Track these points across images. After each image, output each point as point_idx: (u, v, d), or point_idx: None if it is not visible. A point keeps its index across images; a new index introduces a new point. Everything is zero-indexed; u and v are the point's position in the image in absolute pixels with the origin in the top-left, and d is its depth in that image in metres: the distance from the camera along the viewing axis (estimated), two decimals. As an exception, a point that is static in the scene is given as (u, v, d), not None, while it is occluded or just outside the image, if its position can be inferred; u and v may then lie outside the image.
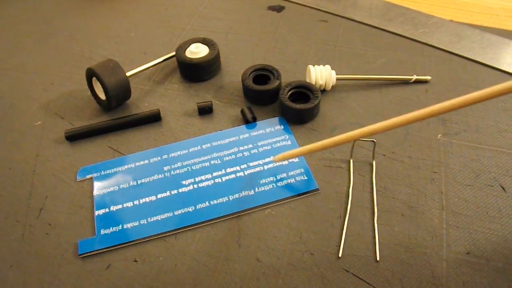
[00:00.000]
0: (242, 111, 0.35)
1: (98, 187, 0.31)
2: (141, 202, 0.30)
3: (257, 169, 0.32)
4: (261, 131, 0.34)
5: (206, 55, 0.38)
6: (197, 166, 0.32)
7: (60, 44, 0.45)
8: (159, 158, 0.33)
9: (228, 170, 0.32)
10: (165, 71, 0.41)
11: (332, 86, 0.37)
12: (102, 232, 0.29)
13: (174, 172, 0.32)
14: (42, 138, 0.35)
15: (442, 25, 0.44)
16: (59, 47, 0.45)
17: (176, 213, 0.29)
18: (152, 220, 0.29)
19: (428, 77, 0.38)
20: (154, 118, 0.36)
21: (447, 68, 0.39)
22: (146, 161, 0.33)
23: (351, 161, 0.32)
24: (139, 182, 0.31)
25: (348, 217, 0.29)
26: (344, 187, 0.30)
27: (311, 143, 0.33)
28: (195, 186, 0.31)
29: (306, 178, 0.31)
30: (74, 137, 0.35)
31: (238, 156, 0.33)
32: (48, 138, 0.35)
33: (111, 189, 0.31)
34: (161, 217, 0.29)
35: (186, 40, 0.40)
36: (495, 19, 0.46)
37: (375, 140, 0.31)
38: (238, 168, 0.32)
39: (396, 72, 0.39)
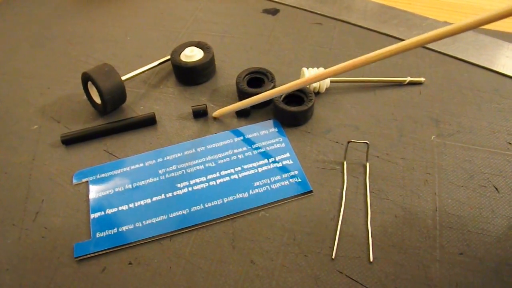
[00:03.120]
0: (237, 110, 0.36)
1: (94, 191, 0.32)
2: (136, 205, 0.30)
3: (251, 171, 0.32)
4: (255, 134, 0.34)
5: (201, 58, 0.38)
6: (192, 169, 0.32)
7: (56, 49, 0.45)
8: (154, 161, 0.33)
9: (223, 172, 0.32)
10: (160, 74, 0.41)
11: (326, 89, 0.37)
12: (98, 235, 0.29)
13: (169, 175, 0.32)
14: (39, 142, 0.36)
15: (436, 27, 0.44)
16: (56, 51, 0.45)
17: (171, 215, 0.30)
18: (147, 223, 0.29)
19: (422, 79, 0.38)
20: (149, 122, 0.36)
21: (441, 70, 0.40)
22: (141, 164, 0.33)
23: (345, 163, 0.32)
24: (134, 185, 0.32)
25: (342, 219, 0.29)
26: (338, 189, 0.31)
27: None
28: (190, 189, 0.31)
29: (300, 180, 0.31)
30: (70, 141, 0.35)
31: (232, 158, 0.33)
32: (45, 142, 0.35)
33: (107, 192, 0.31)
34: (156, 220, 0.29)
35: (181, 44, 0.40)
36: (489, 20, 0.46)
37: (368, 142, 0.31)
38: (232, 170, 0.32)
39: (390, 74, 0.39)
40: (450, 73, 0.39)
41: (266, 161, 0.32)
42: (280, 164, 0.32)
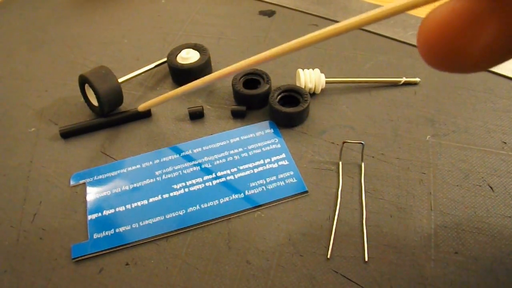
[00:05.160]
0: (232, 111, 0.36)
1: (91, 192, 0.32)
2: (133, 206, 0.31)
3: (247, 172, 0.32)
4: (251, 135, 0.35)
5: (197, 60, 0.39)
6: (188, 170, 0.33)
7: (54, 51, 0.46)
8: (150, 162, 0.33)
9: (219, 173, 0.32)
10: (157, 76, 0.41)
11: (322, 90, 0.37)
12: (95, 236, 0.29)
13: (165, 176, 0.32)
14: (36, 144, 0.36)
15: (432, 27, 0.45)
16: (53, 54, 0.45)
17: (167, 216, 0.30)
18: (144, 223, 0.30)
19: (417, 79, 0.38)
20: (145, 114, 0.37)
21: (436, 70, 0.40)
22: (138, 166, 0.33)
23: (340, 163, 0.32)
24: (131, 186, 0.32)
25: (337, 219, 0.29)
26: (333, 189, 0.31)
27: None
28: (186, 190, 0.31)
29: (295, 180, 0.31)
30: (68, 134, 0.36)
31: (228, 159, 0.33)
32: (42, 144, 0.36)
33: (104, 194, 0.32)
34: (153, 221, 0.30)
35: (178, 46, 0.40)
36: (484, 20, 0.46)
37: (363, 143, 0.31)
38: (228, 171, 0.32)
39: (385, 75, 0.39)
40: (445, 73, 0.39)
41: (262, 162, 0.33)
42: (275, 165, 0.32)
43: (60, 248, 0.29)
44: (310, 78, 0.36)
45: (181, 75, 0.39)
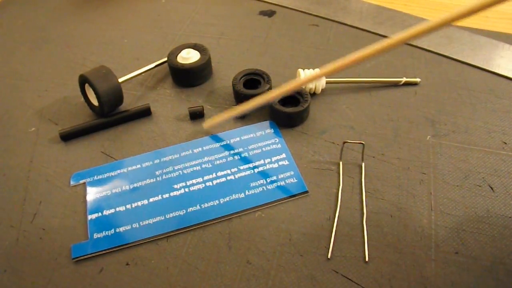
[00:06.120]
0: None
1: (91, 192, 0.32)
2: (133, 206, 0.31)
3: (248, 172, 0.32)
4: (251, 135, 0.35)
5: (197, 60, 0.39)
6: (189, 170, 0.33)
7: (54, 51, 0.46)
8: (151, 162, 0.33)
9: (219, 173, 0.32)
10: (157, 76, 0.41)
11: (322, 90, 0.37)
12: (95, 236, 0.29)
13: (165, 176, 0.32)
14: (36, 144, 0.36)
15: (432, 28, 0.45)
16: (53, 54, 0.45)
17: (167, 216, 0.30)
18: (144, 223, 0.29)
19: (418, 79, 0.38)
20: (145, 113, 0.37)
21: (437, 70, 0.40)
22: (138, 166, 0.33)
23: (341, 163, 0.32)
24: (131, 186, 0.32)
25: (337, 219, 0.29)
26: (333, 189, 0.31)
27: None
28: (187, 190, 0.31)
29: (296, 180, 0.31)
30: (69, 136, 0.35)
31: (229, 159, 0.33)
32: (42, 144, 0.36)
33: (104, 193, 0.32)
34: (153, 221, 0.30)
35: (178, 46, 0.40)
36: (484, 21, 0.46)
37: (364, 143, 0.31)
38: (228, 171, 0.32)
39: (385, 75, 0.39)
40: (446, 74, 0.40)
41: (262, 161, 0.33)
42: (276, 165, 0.32)
43: (60, 248, 0.29)
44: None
45: (181, 75, 0.39)
